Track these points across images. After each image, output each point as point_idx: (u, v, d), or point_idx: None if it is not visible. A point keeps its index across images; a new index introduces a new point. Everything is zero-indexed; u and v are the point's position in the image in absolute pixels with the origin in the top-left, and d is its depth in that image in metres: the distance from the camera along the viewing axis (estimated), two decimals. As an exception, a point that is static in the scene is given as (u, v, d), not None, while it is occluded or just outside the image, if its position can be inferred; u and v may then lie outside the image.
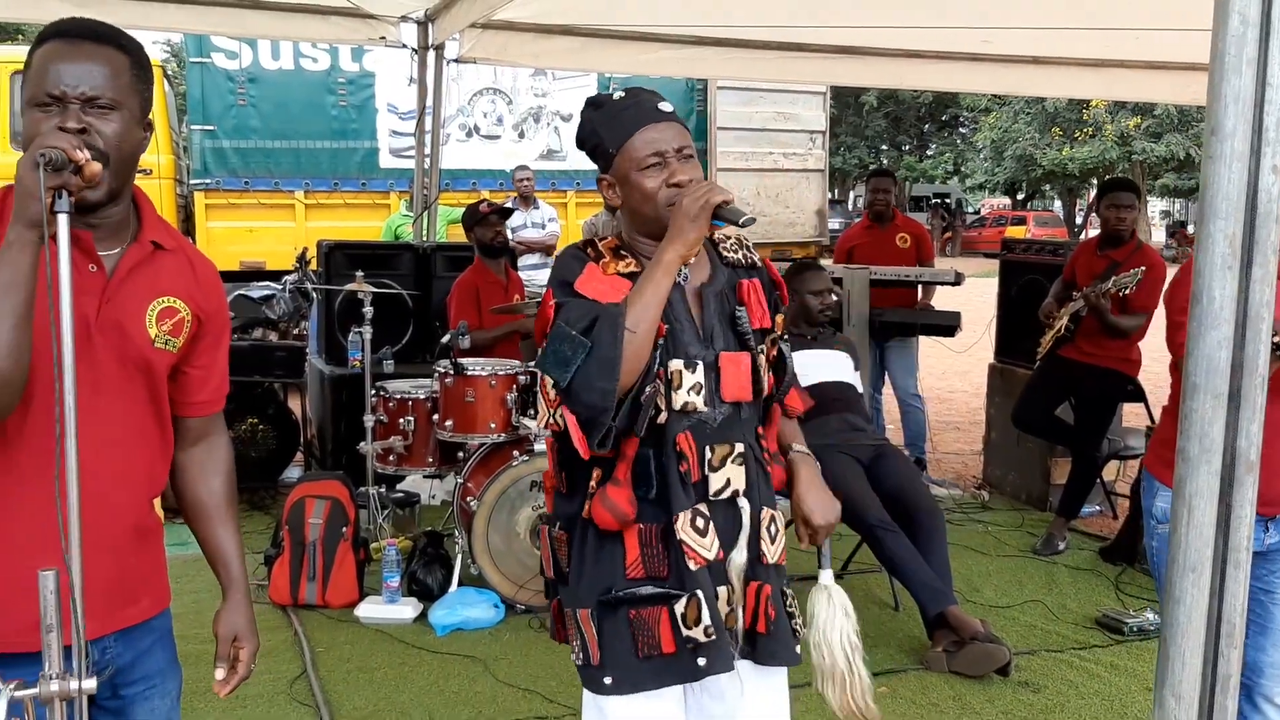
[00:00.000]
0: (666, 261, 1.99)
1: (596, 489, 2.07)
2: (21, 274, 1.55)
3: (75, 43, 1.70)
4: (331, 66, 9.75)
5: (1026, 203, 42.90)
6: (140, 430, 1.84)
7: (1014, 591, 4.93)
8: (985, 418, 6.83)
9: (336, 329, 6.30)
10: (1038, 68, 7.74)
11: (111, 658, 1.84)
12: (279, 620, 4.49)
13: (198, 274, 1.91)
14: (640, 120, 2.07)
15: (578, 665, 2.14)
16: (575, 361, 1.95)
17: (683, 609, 2.04)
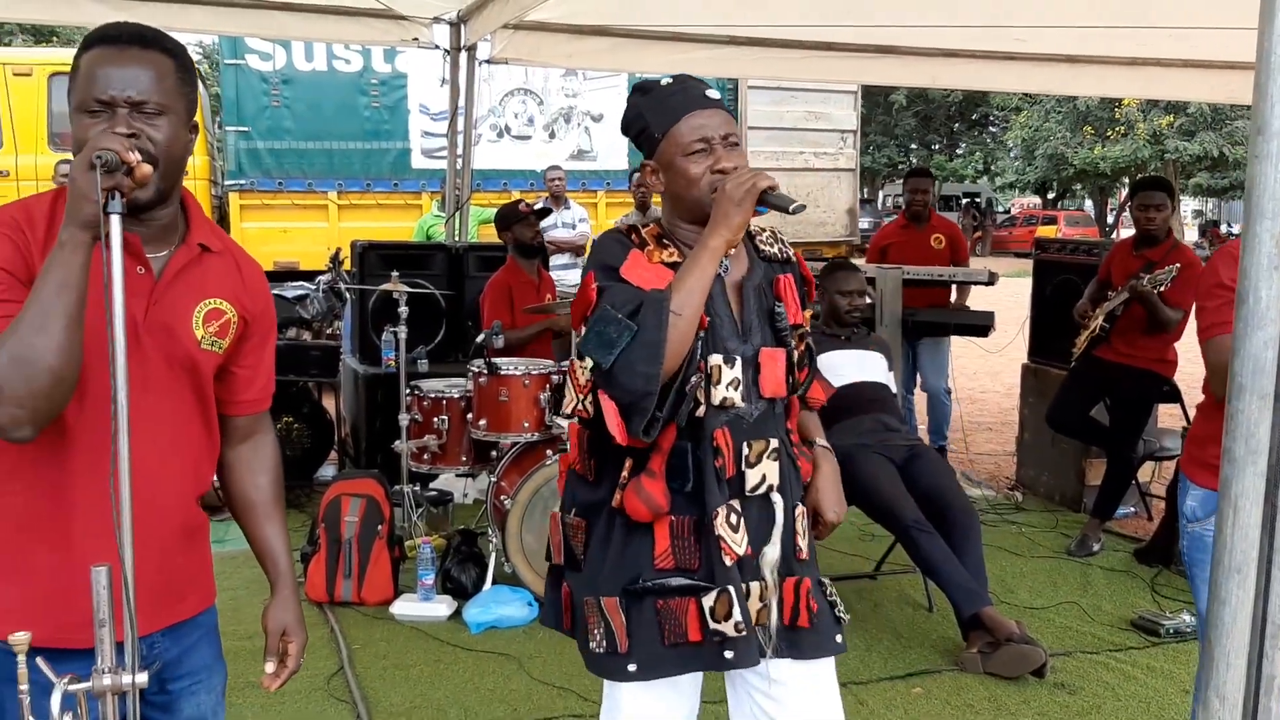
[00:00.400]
0: (712, 247, 1.99)
1: (629, 479, 2.07)
2: (74, 274, 1.57)
3: (122, 48, 1.72)
4: (364, 68, 9.82)
5: (1057, 202, 42.58)
6: (187, 429, 1.86)
7: (1048, 593, 4.90)
8: (1019, 418, 6.79)
9: (370, 329, 6.34)
10: (1071, 66, 7.68)
11: (159, 653, 1.86)
12: (315, 617, 4.53)
13: (244, 276, 1.93)
14: (687, 106, 2.07)
15: (597, 653, 2.12)
16: (620, 344, 1.95)
17: (712, 603, 2.06)
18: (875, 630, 4.46)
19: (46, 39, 29.32)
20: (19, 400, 1.56)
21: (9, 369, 1.55)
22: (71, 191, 1.57)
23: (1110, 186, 36.13)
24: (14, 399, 1.56)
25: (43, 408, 1.59)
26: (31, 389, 1.56)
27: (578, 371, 2.11)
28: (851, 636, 4.38)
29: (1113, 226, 35.32)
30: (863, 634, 4.41)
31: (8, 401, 1.56)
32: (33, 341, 1.55)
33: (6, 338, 1.57)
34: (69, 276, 1.57)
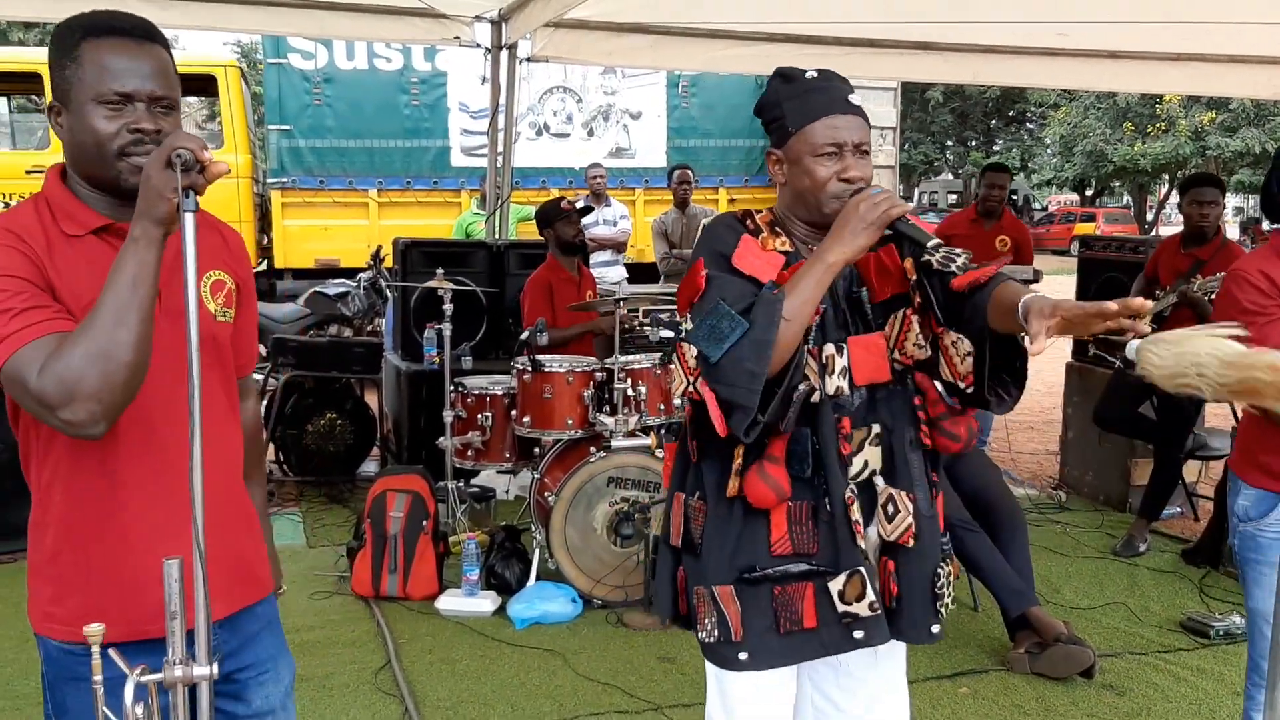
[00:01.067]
0: (830, 262, 1.97)
1: (746, 466, 2.05)
2: (148, 270, 1.60)
3: (138, 41, 1.72)
4: (405, 66, 9.86)
5: (1095, 199, 42.16)
6: (219, 408, 1.87)
7: (1095, 593, 4.86)
8: (1062, 417, 6.74)
9: (413, 326, 6.38)
10: (1114, 62, 7.60)
11: (221, 645, 1.87)
12: (361, 611, 4.57)
13: (229, 243, 1.96)
14: (828, 108, 2.05)
15: (709, 642, 2.12)
16: (730, 339, 1.94)
17: (842, 585, 2.06)
18: (920, 629, 4.44)
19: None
20: (97, 395, 1.57)
21: (86, 365, 1.56)
22: (145, 188, 1.59)
23: (1150, 183, 35.74)
24: (92, 394, 1.57)
25: (117, 402, 1.60)
26: (109, 383, 1.57)
27: (686, 354, 2.09)
28: (896, 635, 4.37)
29: (1152, 224, 34.93)
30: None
31: (86, 397, 1.57)
32: (112, 336, 1.57)
33: (81, 335, 1.58)
34: (143, 272, 1.59)
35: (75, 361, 1.56)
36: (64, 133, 1.74)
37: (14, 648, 4.17)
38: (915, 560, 2.13)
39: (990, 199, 6.89)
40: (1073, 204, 42.41)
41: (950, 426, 2.14)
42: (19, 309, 1.62)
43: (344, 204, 9.85)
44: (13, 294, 1.63)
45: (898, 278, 2.11)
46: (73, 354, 1.57)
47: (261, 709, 1.94)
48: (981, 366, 2.00)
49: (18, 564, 5.12)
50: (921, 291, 2.09)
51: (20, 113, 13.03)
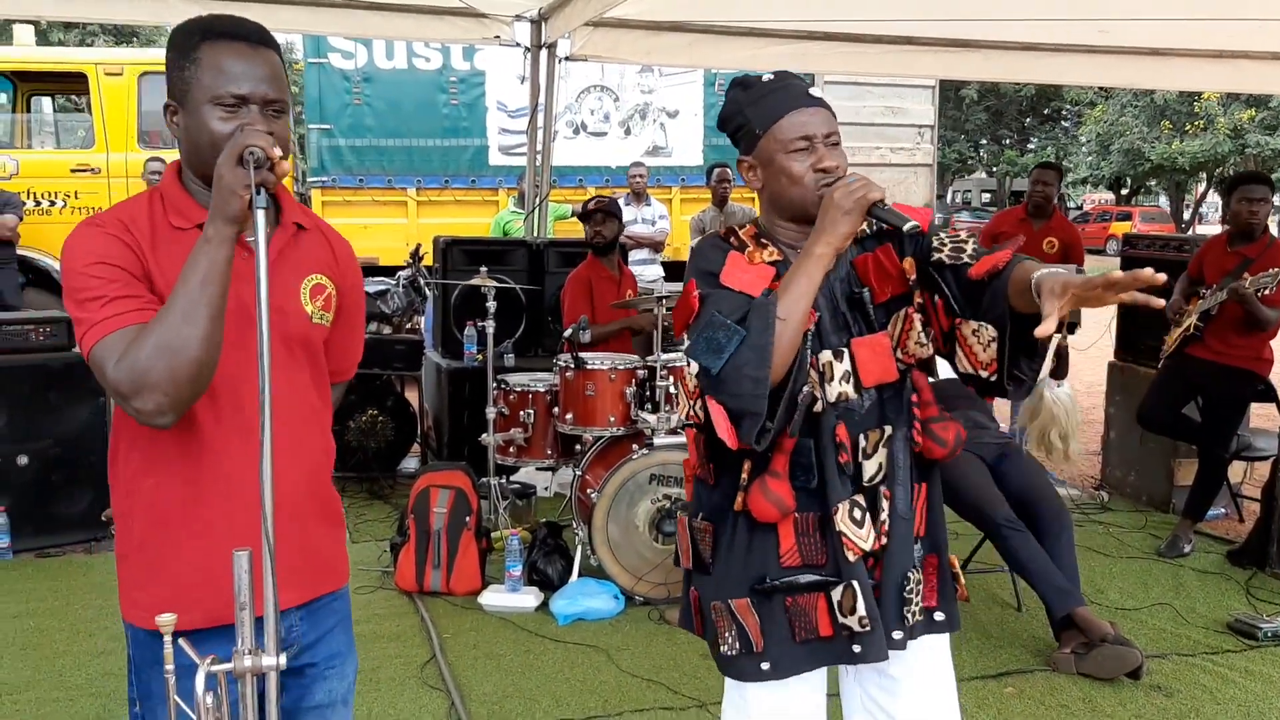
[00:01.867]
0: (817, 254, 1.98)
1: (750, 481, 2.07)
2: (219, 268, 1.63)
3: (254, 46, 1.76)
4: (443, 66, 9.91)
5: (1131, 198, 41.77)
6: (308, 406, 1.90)
7: (1139, 594, 4.83)
8: (1104, 417, 6.69)
9: (453, 323, 6.42)
10: (1155, 59, 7.54)
11: (296, 635, 1.90)
12: (405, 606, 4.60)
13: (335, 250, 1.98)
14: (790, 103, 2.05)
15: (729, 655, 2.13)
16: (728, 349, 1.94)
17: (839, 597, 2.07)
18: (963, 629, 4.38)
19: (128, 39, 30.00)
20: (163, 388, 1.62)
21: (155, 357, 1.61)
22: (218, 186, 1.62)
23: (1187, 182, 35.37)
24: (159, 386, 1.62)
25: (185, 395, 1.65)
26: (175, 377, 1.62)
27: (687, 378, 2.10)
28: (940, 634, 4.36)
29: (1189, 223, 34.56)
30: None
31: (153, 389, 1.62)
32: (180, 331, 1.61)
33: (153, 327, 1.63)
34: (214, 270, 1.63)
35: (145, 354, 1.62)
36: (180, 131, 1.78)
37: (65, 639, 4.23)
38: (887, 562, 2.11)
39: (1036, 195, 6.75)
40: (1108, 203, 42.03)
41: (940, 430, 2.14)
42: (110, 297, 1.68)
43: (383, 203, 9.92)
44: (107, 281, 1.69)
45: (898, 278, 2.09)
46: (144, 346, 1.62)
47: (323, 702, 1.96)
48: (1004, 351, 1.98)
49: (66, 557, 5.20)
50: (934, 288, 2.06)
51: (63, 112, 13.18)
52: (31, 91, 10.60)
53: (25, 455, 5.08)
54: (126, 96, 9.39)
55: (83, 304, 1.69)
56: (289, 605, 1.87)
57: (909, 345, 2.09)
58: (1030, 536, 4.12)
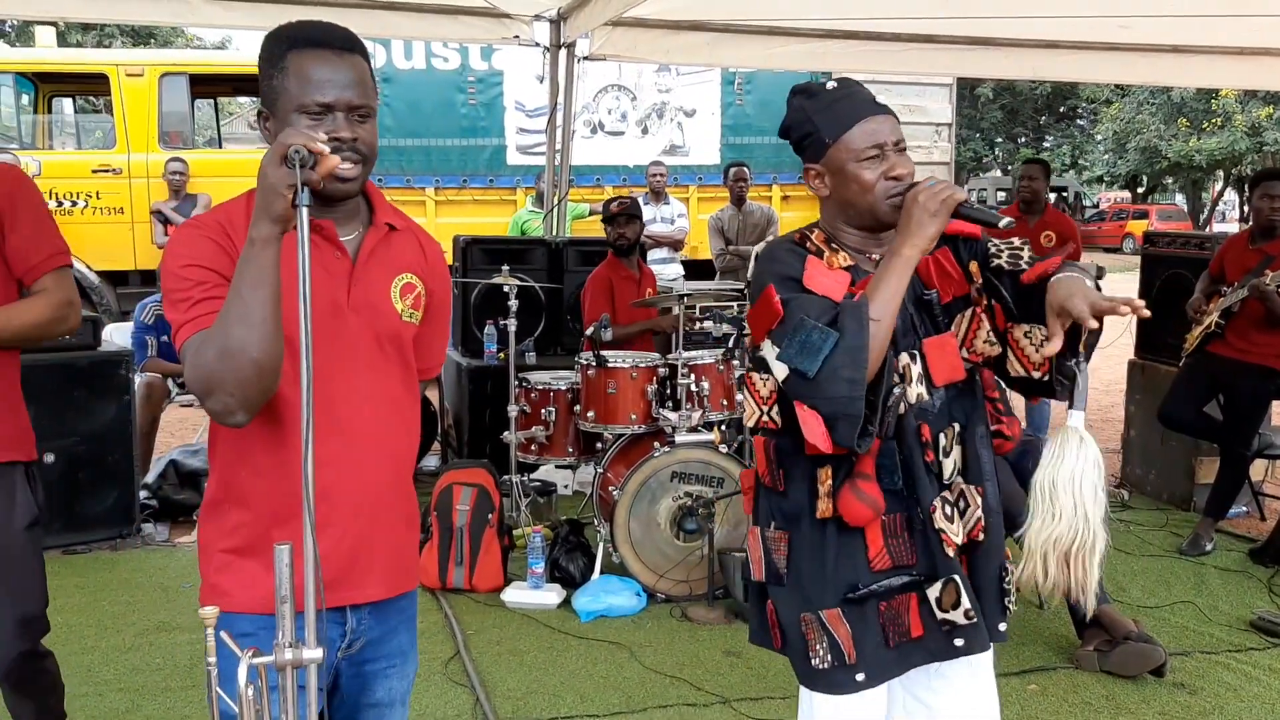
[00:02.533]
0: (906, 256, 1.99)
1: (838, 485, 2.06)
2: (267, 270, 1.65)
3: (338, 52, 1.79)
4: (462, 66, 9.94)
5: (1147, 196, 41.58)
6: (395, 403, 1.92)
7: (1161, 592, 4.83)
8: (1124, 415, 6.68)
9: (473, 322, 6.45)
10: (1175, 56, 7.52)
11: (364, 630, 1.92)
12: (429, 603, 4.63)
13: (425, 250, 2.01)
14: (860, 112, 2.07)
15: (822, 669, 2.10)
16: (824, 350, 1.94)
17: (938, 594, 2.07)
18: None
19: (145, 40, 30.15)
20: (229, 390, 1.66)
21: (217, 362, 1.65)
22: (262, 185, 1.64)
23: (1204, 180, 35.19)
24: (225, 388, 1.66)
25: (252, 395, 1.68)
26: (239, 379, 1.65)
27: (757, 384, 2.12)
28: (962, 632, 4.37)
29: (1206, 221, 34.40)
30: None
31: (221, 391, 1.67)
32: (236, 335, 1.64)
33: (214, 332, 1.67)
34: (263, 272, 1.65)
35: (209, 357, 1.67)
36: (271, 138, 1.80)
37: (94, 635, 4.27)
38: (984, 557, 2.13)
39: (1024, 191, 6.86)
40: (1124, 201, 41.85)
41: (1006, 428, 2.18)
42: (196, 299, 1.73)
43: (401, 202, 9.93)
44: (195, 283, 1.74)
45: (959, 280, 2.12)
46: (208, 351, 1.67)
47: (383, 700, 1.99)
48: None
49: (93, 554, 5.24)
50: (992, 291, 2.08)
51: (84, 113, 13.28)
52: (53, 93, 10.69)
53: (52, 453, 5.13)
54: (147, 97, 9.45)
55: (174, 305, 1.75)
56: (363, 600, 1.90)
57: (976, 344, 2.11)
58: None
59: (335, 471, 1.80)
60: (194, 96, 10.11)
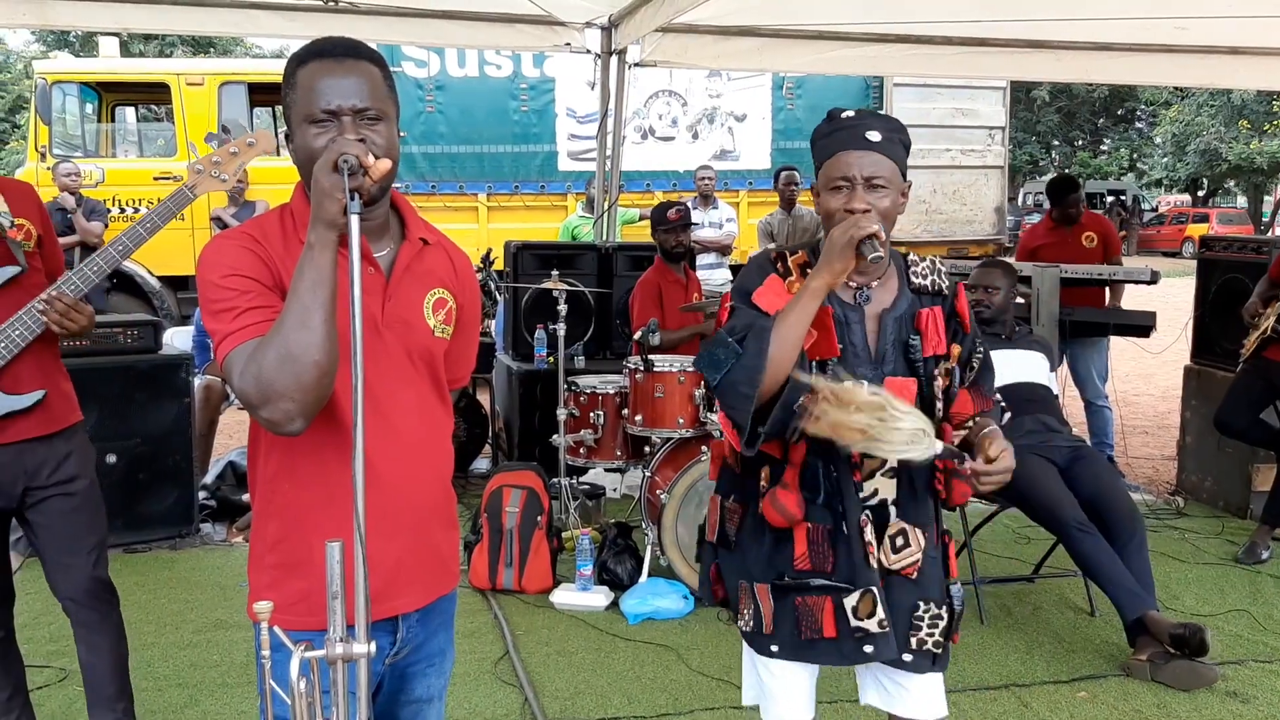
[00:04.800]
0: (813, 288, 2.11)
1: (766, 489, 2.25)
2: (325, 272, 1.68)
3: (339, 60, 1.81)
4: (514, 73, 10.03)
5: (1208, 199, 40.86)
6: (430, 414, 1.95)
7: (1216, 600, 4.76)
8: (1180, 421, 6.59)
9: (524, 326, 6.52)
10: (1233, 58, 7.42)
11: (412, 636, 1.97)
12: (479, 603, 4.69)
13: (456, 265, 2.03)
14: (844, 144, 2.18)
15: (746, 630, 2.33)
16: (725, 366, 2.13)
17: (855, 602, 2.21)
18: (1035, 633, 4.40)
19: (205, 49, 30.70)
20: (290, 395, 1.67)
21: (278, 367, 1.66)
22: (315, 192, 1.68)
23: (1266, 183, 34.53)
24: (285, 394, 1.67)
25: (311, 400, 1.69)
26: (300, 383, 1.66)
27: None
28: (1011, 639, 4.34)
29: (1268, 224, 33.74)
30: (1023, 637, 4.36)
31: (280, 397, 1.67)
32: (297, 338, 1.66)
33: (271, 338, 1.68)
34: (321, 274, 1.68)
35: (268, 364, 1.66)
36: (293, 156, 1.84)
37: (153, 632, 4.38)
38: (903, 590, 2.26)
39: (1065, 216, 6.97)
40: (1184, 204, 41.18)
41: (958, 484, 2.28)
42: (242, 309, 1.74)
43: (454, 208, 10.05)
44: (239, 293, 1.75)
45: (939, 343, 2.26)
46: (266, 357, 1.67)
47: (422, 697, 2.03)
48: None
49: (152, 553, 5.36)
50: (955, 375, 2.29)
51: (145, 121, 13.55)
52: (116, 102, 10.94)
53: (114, 454, 5.26)
54: (207, 106, 9.65)
55: (216, 315, 1.76)
56: (413, 608, 1.93)
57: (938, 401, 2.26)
58: (1101, 539, 4.09)
59: (381, 483, 1.83)
60: (253, 105, 10.29)
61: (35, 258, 2.96)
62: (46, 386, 2.92)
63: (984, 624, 4.46)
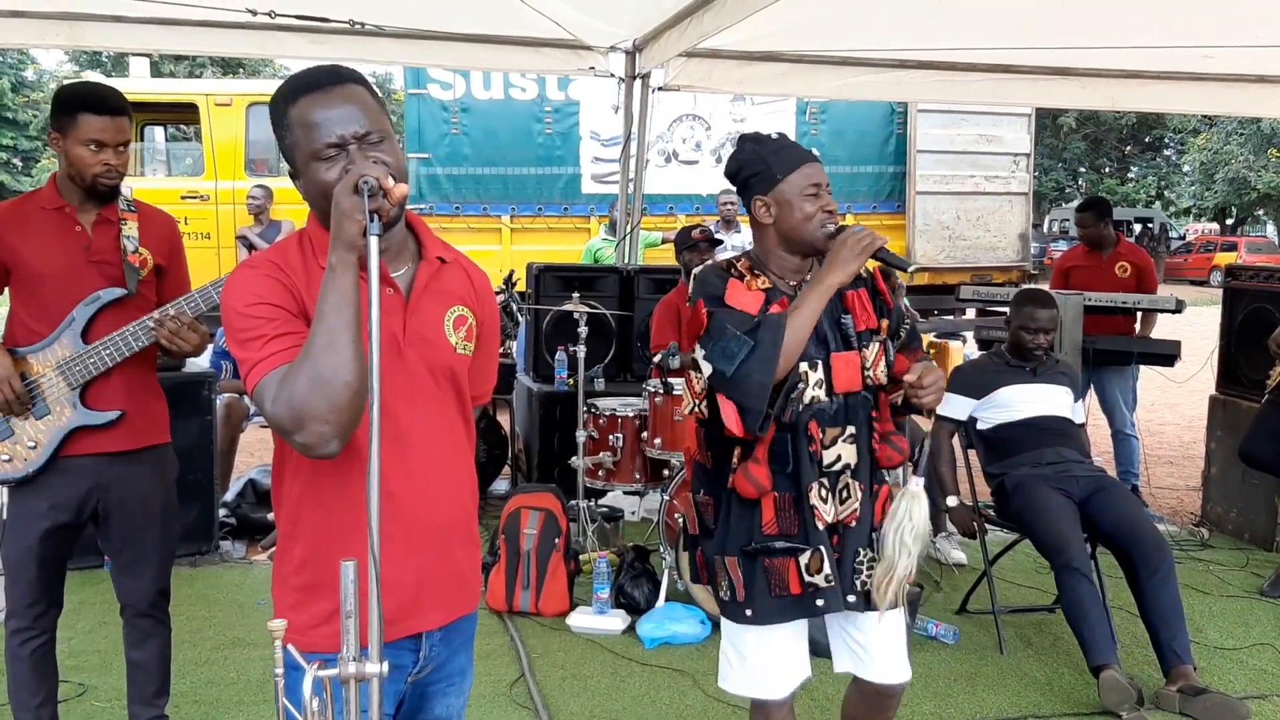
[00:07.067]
0: (828, 285, 2.50)
1: (738, 465, 2.54)
2: (348, 293, 1.69)
3: (327, 90, 1.81)
4: (539, 96, 10.10)
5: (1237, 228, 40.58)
6: (453, 432, 1.96)
7: (1240, 633, 4.70)
8: (1205, 452, 6.52)
9: (544, 348, 6.53)
10: (1262, 86, 7.38)
11: (435, 655, 1.97)
12: (495, 625, 4.68)
13: (474, 282, 2.04)
14: (804, 158, 2.60)
15: (725, 600, 2.64)
16: (740, 356, 2.41)
17: (806, 560, 2.55)
18: (1055, 665, 4.36)
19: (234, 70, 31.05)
20: (324, 418, 1.68)
21: (310, 391, 1.67)
22: (336, 215, 1.69)
23: (1296, 212, 34.30)
24: (320, 417, 1.67)
25: (345, 421, 1.70)
26: (334, 405, 1.67)
27: (694, 381, 2.62)
28: (1031, 669, 4.30)
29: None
30: (1042, 668, 4.32)
31: (315, 420, 1.68)
32: (327, 361, 1.67)
33: (301, 362, 1.69)
34: (344, 296, 1.69)
35: (300, 388, 1.67)
36: (303, 192, 1.85)
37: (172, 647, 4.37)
38: (848, 539, 2.60)
39: (1087, 238, 6.97)
40: (1212, 233, 40.89)
41: (897, 440, 2.65)
42: (270, 335, 1.75)
43: (478, 230, 10.11)
44: (266, 320, 1.76)
45: (869, 318, 2.62)
46: (298, 381, 1.68)
47: (440, 717, 2.02)
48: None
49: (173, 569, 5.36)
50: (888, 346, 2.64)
51: (174, 141, 13.71)
52: (145, 121, 11.07)
53: (136, 470, 5.28)
54: (236, 126, 9.76)
55: (244, 344, 1.77)
56: (435, 626, 1.94)
57: (878, 370, 2.61)
58: (1095, 587, 4.07)
59: (403, 502, 1.83)
60: (280, 125, 10.38)
61: (149, 286, 3.08)
62: (131, 406, 3.04)
63: (1003, 654, 4.42)
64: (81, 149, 2.91)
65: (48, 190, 3.02)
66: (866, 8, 5.82)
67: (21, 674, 3.11)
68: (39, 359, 2.95)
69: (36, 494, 2.99)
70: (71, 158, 2.92)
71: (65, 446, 2.97)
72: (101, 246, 3.01)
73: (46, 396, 2.95)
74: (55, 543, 3.06)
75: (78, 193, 2.99)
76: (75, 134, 2.90)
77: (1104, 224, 6.89)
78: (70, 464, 2.99)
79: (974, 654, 4.45)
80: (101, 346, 2.93)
